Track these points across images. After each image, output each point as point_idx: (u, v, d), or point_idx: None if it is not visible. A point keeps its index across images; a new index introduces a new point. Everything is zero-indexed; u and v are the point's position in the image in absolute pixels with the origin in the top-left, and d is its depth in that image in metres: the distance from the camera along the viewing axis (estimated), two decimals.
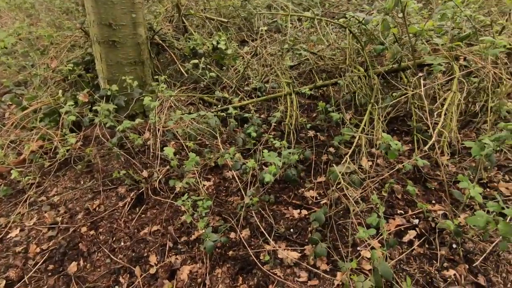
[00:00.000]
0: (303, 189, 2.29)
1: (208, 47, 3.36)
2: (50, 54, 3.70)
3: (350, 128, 2.08)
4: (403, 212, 1.90)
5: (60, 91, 2.93)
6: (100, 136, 2.74)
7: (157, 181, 2.45)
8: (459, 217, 1.75)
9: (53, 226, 2.32)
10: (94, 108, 2.43)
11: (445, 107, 1.71)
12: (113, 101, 2.74)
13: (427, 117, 2.30)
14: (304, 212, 2.10)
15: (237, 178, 2.17)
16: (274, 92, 3.27)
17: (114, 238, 2.17)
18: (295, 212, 2.11)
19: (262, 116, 3.18)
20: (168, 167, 2.55)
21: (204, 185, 2.37)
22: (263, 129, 2.80)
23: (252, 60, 3.14)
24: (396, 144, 1.64)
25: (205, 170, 2.55)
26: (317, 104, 3.11)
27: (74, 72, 3.08)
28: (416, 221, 1.82)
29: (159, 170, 2.51)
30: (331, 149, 2.54)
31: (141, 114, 3.04)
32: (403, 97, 2.58)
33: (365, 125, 2.07)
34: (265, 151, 1.88)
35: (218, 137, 2.40)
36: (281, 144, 2.08)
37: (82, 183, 2.65)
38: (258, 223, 1.99)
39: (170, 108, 3.04)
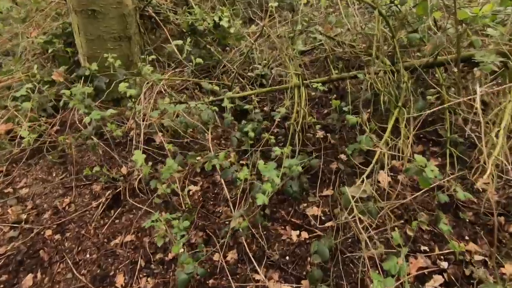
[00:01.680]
0: (305, 205, 1.92)
1: (209, 23, 2.91)
2: (33, 21, 3.29)
3: (369, 138, 1.67)
4: (427, 250, 1.53)
5: (36, 66, 2.55)
6: (77, 122, 2.39)
7: (137, 180, 2.11)
8: (502, 266, 1.37)
9: (15, 225, 2.03)
10: (71, 90, 2.05)
11: (503, 123, 1.28)
12: (92, 82, 2.36)
13: (462, 125, 1.87)
14: (305, 234, 1.74)
15: (225, 189, 1.80)
16: (280, 81, 2.83)
17: (80, 248, 1.86)
18: (294, 234, 1.75)
19: (265, 108, 2.77)
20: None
21: (189, 191, 2.02)
22: (264, 125, 2.40)
23: (257, 42, 2.68)
24: (432, 171, 1.23)
25: (193, 172, 2.19)
26: (330, 98, 2.67)
27: (53, 45, 2.68)
28: (444, 264, 1.45)
29: (139, 168, 2.16)
30: (343, 156, 2.14)
31: (127, 99, 2.66)
32: (435, 98, 2.13)
33: (388, 136, 1.65)
34: (261, 162, 1.50)
35: (209, 134, 2.02)
36: (282, 153, 1.69)
37: (54, 175, 2.33)
38: (247, 246, 1.64)
39: (160, 94, 2.65)
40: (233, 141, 2.02)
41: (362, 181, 1.49)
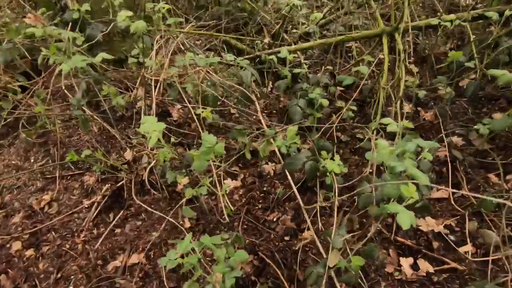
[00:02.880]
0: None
1: None
2: None
3: None
4: None
5: (8, 11, 1.87)
6: (63, 88, 1.70)
7: (147, 170, 1.42)
8: None
9: None
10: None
11: None
12: (83, 30, 1.66)
13: None
14: (426, 266, 1.05)
15: (295, 188, 1.10)
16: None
17: (60, 274, 1.20)
18: (405, 264, 1.06)
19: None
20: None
21: (227, 189, 1.32)
22: (330, 96, 1.68)
23: None
24: None
25: (231, 159, 1.50)
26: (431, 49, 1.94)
27: None
28: None
29: (151, 151, 1.48)
30: (455, 139, 1.42)
31: (133, 58, 1.95)
32: None
33: None
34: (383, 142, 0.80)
35: (257, 102, 1.31)
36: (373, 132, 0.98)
37: (32, 161, 1.67)
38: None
39: (177, 54, 1.94)
40: (293, 113, 1.31)
41: None
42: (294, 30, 2.21)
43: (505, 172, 1.23)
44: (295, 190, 1.13)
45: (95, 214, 1.40)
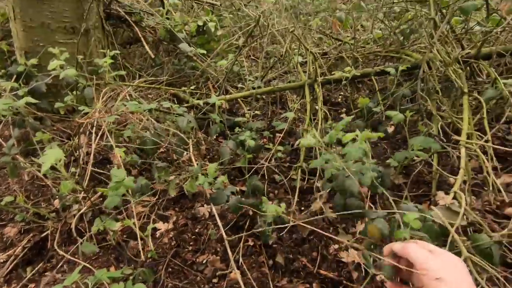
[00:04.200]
0: (335, 246, 1.25)
1: (191, 28, 2.44)
2: None
3: (427, 139, 1.11)
4: None
5: None
6: None
7: (76, 217, 1.37)
8: None
9: None
10: None
11: None
12: (27, 82, 1.72)
13: None
14: None
15: (219, 222, 1.12)
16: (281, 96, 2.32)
17: None
18: None
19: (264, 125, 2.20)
20: (100, 192, 1.49)
21: (156, 230, 1.30)
22: (263, 140, 1.81)
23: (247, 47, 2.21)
24: None
25: (164, 201, 1.50)
26: (347, 100, 2.17)
27: None
28: None
29: (85, 197, 1.45)
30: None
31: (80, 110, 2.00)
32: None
33: (469, 130, 1.10)
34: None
35: (190, 143, 1.38)
36: (296, 171, 1.08)
37: None
38: None
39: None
40: (223, 154, 1.39)
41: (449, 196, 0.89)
42: (240, 85, 2.42)
43: (417, 202, 1.35)
44: (222, 229, 1.14)
45: (9, 269, 1.28)
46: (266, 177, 1.54)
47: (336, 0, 3.08)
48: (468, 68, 1.68)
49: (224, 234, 1.12)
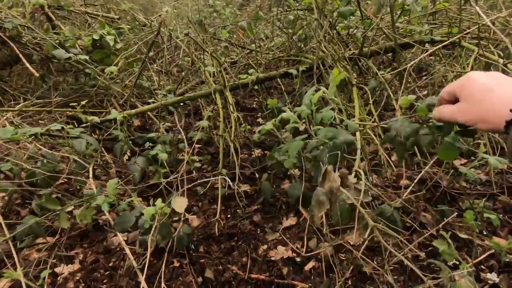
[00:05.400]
0: (264, 247, 1.24)
1: (85, 42, 2.20)
2: None
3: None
4: (456, 261, 1.04)
5: None
6: None
7: None
8: None
9: None
10: None
11: None
12: None
13: None
14: None
15: (127, 251, 0.99)
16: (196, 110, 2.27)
17: None
18: None
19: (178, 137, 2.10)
20: None
21: (58, 278, 1.08)
22: (181, 154, 1.72)
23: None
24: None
25: (69, 240, 1.27)
26: (257, 104, 2.23)
27: None
28: (492, 276, 0.97)
29: None
30: (296, 171, 1.62)
31: None
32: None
33: (360, 115, 1.23)
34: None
35: (90, 169, 1.20)
36: (217, 175, 1.05)
37: None
38: None
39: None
40: (134, 174, 1.25)
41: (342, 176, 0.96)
42: (152, 100, 2.28)
43: None
44: (133, 261, 1.01)
45: None
46: (186, 191, 1.46)
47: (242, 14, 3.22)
48: (357, 66, 1.93)
49: (135, 264, 1.00)
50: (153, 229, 0.89)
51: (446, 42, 1.36)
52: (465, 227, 1.18)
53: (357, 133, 1.08)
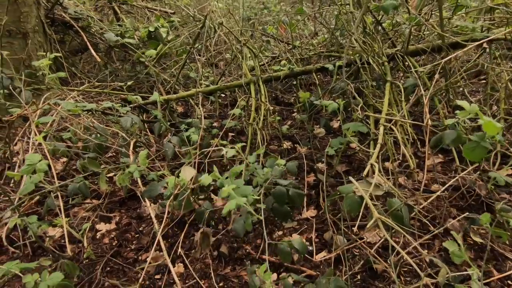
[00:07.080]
0: (280, 233, 1.28)
1: (141, 33, 2.43)
2: None
3: (359, 124, 1.19)
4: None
5: None
6: None
7: (7, 227, 1.28)
8: None
9: None
10: None
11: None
12: None
13: None
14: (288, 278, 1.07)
15: (152, 215, 1.11)
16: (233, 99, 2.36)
17: None
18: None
19: (214, 124, 2.22)
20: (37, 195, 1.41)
21: (97, 233, 1.25)
22: (212, 136, 1.82)
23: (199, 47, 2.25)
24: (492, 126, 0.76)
25: (110, 204, 1.45)
26: (296, 99, 2.25)
27: None
28: None
29: (20, 203, 1.35)
30: (321, 165, 1.61)
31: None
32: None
33: (387, 112, 1.20)
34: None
35: (131, 143, 1.36)
36: (238, 151, 1.11)
37: None
38: None
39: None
40: (167, 150, 1.38)
41: (367, 173, 0.95)
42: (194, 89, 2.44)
43: None
44: (156, 229, 1.12)
45: None
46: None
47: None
48: (400, 64, 1.84)
49: (157, 227, 1.11)
50: (172, 196, 0.99)
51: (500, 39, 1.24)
52: (497, 240, 1.09)
53: (381, 128, 1.05)
